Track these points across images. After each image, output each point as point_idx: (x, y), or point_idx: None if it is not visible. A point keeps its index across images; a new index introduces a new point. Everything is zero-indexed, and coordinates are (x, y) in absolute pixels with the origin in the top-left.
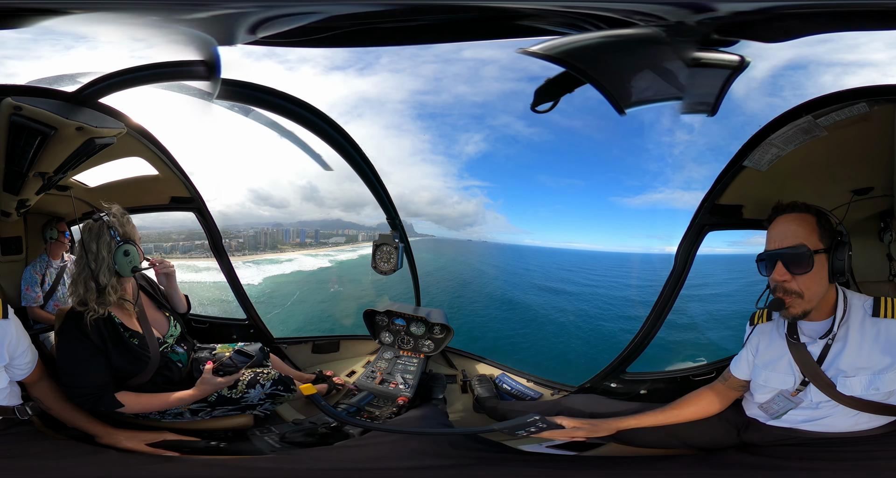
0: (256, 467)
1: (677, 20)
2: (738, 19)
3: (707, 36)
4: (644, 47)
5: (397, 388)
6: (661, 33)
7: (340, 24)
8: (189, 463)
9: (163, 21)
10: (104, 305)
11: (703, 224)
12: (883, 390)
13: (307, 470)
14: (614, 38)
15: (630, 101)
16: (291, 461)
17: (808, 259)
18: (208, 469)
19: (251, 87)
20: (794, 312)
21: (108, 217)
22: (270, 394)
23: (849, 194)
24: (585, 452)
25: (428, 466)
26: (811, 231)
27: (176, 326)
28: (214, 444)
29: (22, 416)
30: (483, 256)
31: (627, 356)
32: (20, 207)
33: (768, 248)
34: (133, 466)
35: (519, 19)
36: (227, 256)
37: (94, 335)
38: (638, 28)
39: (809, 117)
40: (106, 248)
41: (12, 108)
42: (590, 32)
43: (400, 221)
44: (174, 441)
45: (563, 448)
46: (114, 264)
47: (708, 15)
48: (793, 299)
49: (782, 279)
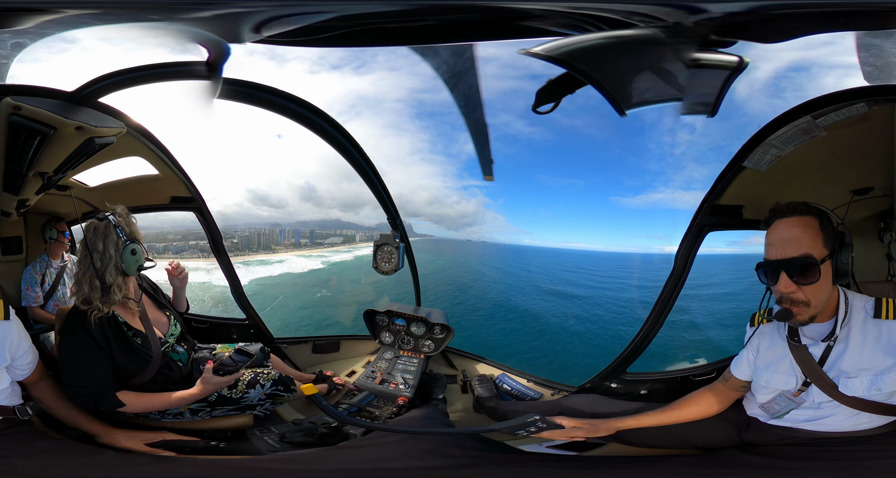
0: (257, 467)
1: (675, 21)
2: (734, 20)
3: (705, 37)
4: (644, 48)
5: (397, 388)
6: (661, 34)
7: (344, 24)
8: (187, 463)
9: (165, 20)
10: (108, 304)
11: (703, 224)
12: (885, 390)
13: (308, 470)
14: (614, 40)
15: (630, 102)
16: (293, 462)
17: (815, 269)
18: (206, 469)
19: (251, 86)
20: (801, 319)
21: (113, 217)
22: (271, 394)
23: (848, 194)
24: (587, 452)
25: (431, 466)
26: (815, 237)
27: (176, 325)
28: (214, 444)
29: (22, 416)
30: (483, 256)
31: (628, 357)
32: (20, 207)
33: (770, 256)
34: (130, 466)
35: (520, 20)
36: (227, 256)
37: (97, 334)
38: (637, 29)
39: (808, 118)
40: (113, 246)
41: (11, 108)
42: (589, 33)
43: (401, 222)
44: (173, 441)
45: (566, 448)
46: (121, 263)
47: (704, 16)
48: (800, 309)
49: (789, 291)
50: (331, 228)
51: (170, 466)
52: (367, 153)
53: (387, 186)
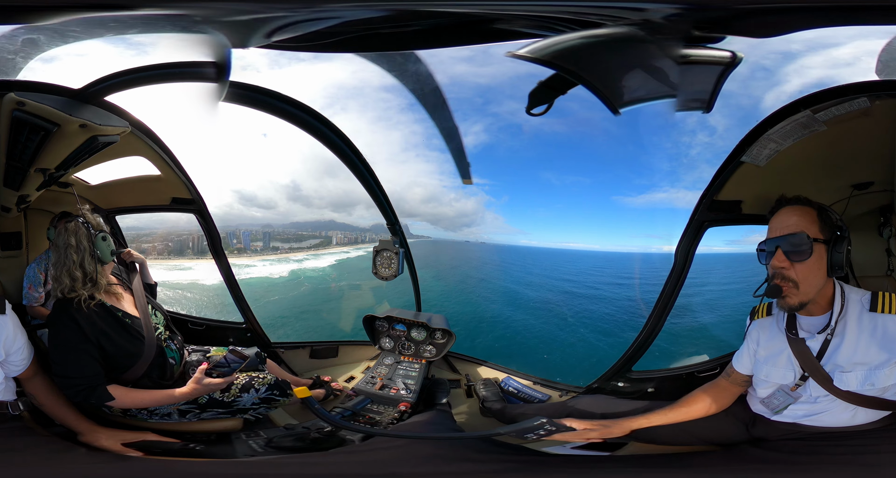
0: (238, 474)
1: (642, 19)
2: (707, 16)
3: (687, 33)
4: (627, 46)
5: (398, 393)
6: (639, 32)
7: (345, 30)
8: (151, 465)
9: (175, 21)
10: (95, 290)
11: (703, 220)
12: (878, 385)
13: (296, 475)
14: (596, 39)
15: (623, 100)
16: (280, 467)
17: (807, 246)
18: (168, 472)
19: (247, 87)
20: (790, 302)
21: (81, 218)
22: (265, 398)
23: (848, 189)
24: (613, 452)
25: (445, 472)
26: (812, 222)
27: (157, 314)
28: (192, 446)
29: (14, 411)
30: (484, 260)
31: (633, 355)
32: (20, 203)
33: (769, 237)
34: (90, 465)
35: (493, 23)
36: (226, 258)
37: (84, 325)
38: (614, 27)
39: (808, 112)
40: (85, 238)
41: (15, 104)
42: (572, 33)
43: (400, 227)
44: (150, 442)
45: (587, 449)
46: (96, 251)
47: (668, 13)
48: (790, 288)
49: (781, 266)
50: (324, 230)
51: (127, 466)
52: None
53: (385, 192)
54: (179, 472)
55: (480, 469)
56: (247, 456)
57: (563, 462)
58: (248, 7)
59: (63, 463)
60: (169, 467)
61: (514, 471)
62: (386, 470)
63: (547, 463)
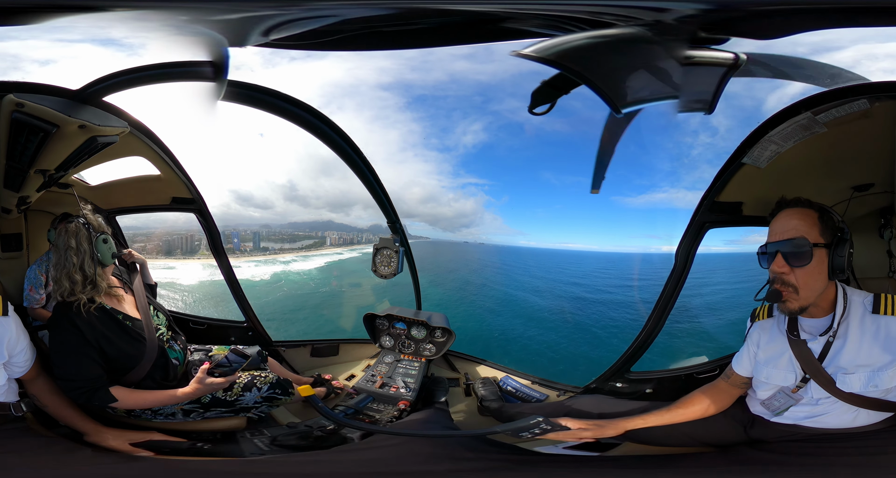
0: (244, 472)
1: (654, 19)
2: (717, 17)
3: (694, 34)
4: (634, 47)
5: (398, 391)
6: (647, 32)
7: (345, 28)
8: (159, 464)
9: (173, 20)
10: (95, 293)
11: (704, 221)
12: (881, 387)
13: (299, 474)
14: (603, 39)
15: (626, 100)
16: (285, 465)
17: (807, 252)
18: (184, 472)
19: (244, 86)
20: (790, 306)
21: (82, 218)
22: (267, 397)
23: (849, 191)
24: (604, 452)
25: (437, 470)
26: (812, 225)
27: (158, 315)
28: (199, 445)
29: (16, 412)
30: (484, 262)
31: (631, 355)
32: (21, 204)
33: (769, 241)
34: (99, 464)
35: (500, 22)
36: (227, 258)
37: (84, 328)
38: (622, 28)
39: (808, 114)
40: (86, 240)
41: (14, 105)
42: (574, 33)
43: (401, 225)
44: (158, 441)
45: (580, 449)
46: (96, 253)
47: (682, 13)
48: (789, 293)
49: (781, 271)
50: (321, 230)
51: (139, 465)
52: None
53: (386, 191)
54: (194, 471)
55: (471, 467)
56: (254, 455)
57: (552, 461)
58: (245, 5)
59: (70, 464)
60: (182, 466)
61: (505, 470)
62: (383, 468)
63: (537, 462)
